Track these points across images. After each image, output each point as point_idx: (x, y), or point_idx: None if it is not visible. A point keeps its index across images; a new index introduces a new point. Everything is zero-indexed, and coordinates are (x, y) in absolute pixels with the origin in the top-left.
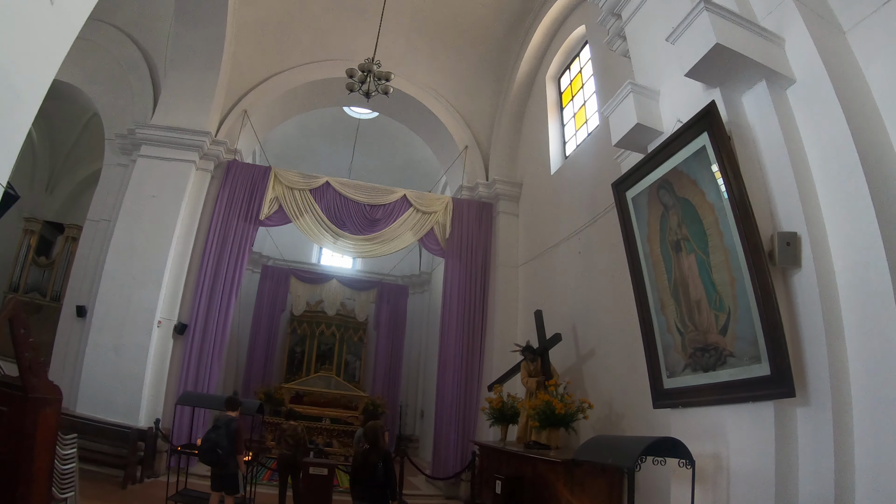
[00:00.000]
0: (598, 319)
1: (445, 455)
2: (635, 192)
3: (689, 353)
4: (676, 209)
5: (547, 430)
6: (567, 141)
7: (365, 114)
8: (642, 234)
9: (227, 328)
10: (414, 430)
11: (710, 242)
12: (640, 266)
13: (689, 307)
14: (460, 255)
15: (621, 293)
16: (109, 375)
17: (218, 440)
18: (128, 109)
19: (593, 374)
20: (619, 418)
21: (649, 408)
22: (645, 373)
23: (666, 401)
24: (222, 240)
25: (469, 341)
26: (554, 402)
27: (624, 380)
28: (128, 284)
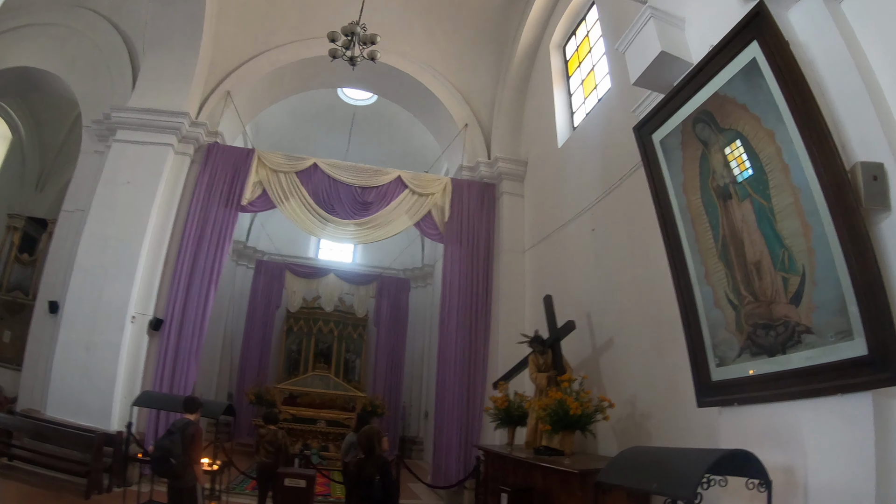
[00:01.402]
0: (616, 304)
1: (447, 461)
2: (665, 133)
3: (746, 333)
4: (721, 145)
5: (560, 433)
6: (575, 111)
7: (361, 100)
8: (676, 183)
9: (205, 323)
10: (418, 431)
11: (772, 181)
12: (675, 224)
13: (744, 271)
14: (461, 240)
15: (643, 272)
16: (80, 375)
17: (171, 447)
18: (107, 95)
19: (612, 368)
20: (644, 419)
21: (682, 406)
22: (674, 364)
23: (714, 397)
24: (201, 227)
25: (471, 335)
26: (568, 400)
27: (649, 373)
28: (100, 277)
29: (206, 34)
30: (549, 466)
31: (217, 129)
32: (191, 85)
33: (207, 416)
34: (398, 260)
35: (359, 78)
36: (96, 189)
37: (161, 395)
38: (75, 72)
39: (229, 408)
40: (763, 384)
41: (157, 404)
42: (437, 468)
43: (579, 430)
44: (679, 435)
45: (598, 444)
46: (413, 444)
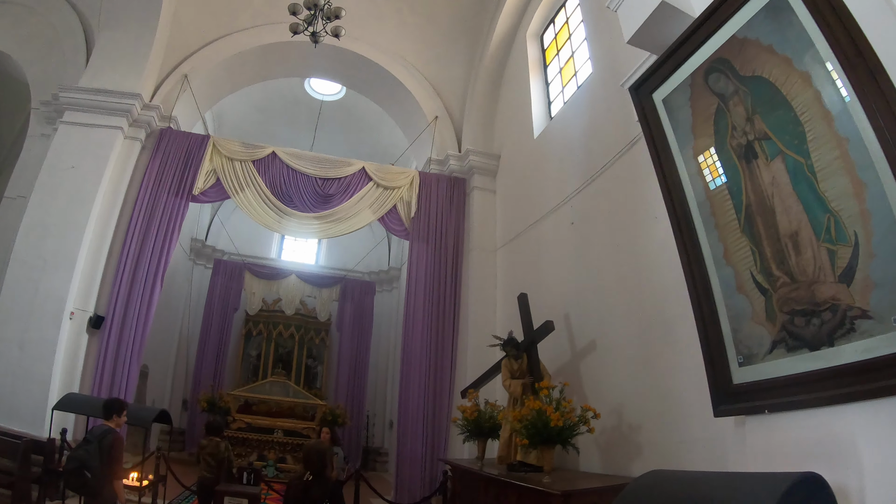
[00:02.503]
0: (599, 304)
1: (411, 475)
2: (668, 91)
3: (780, 323)
4: (743, 96)
5: (538, 448)
6: (552, 101)
7: (328, 94)
8: (684, 146)
9: (149, 321)
10: (382, 441)
11: (811, 133)
12: (684, 196)
13: (776, 246)
14: (427, 238)
15: (629, 267)
16: (12, 376)
17: (87, 459)
18: (58, 76)
19: (594, 374)
20: (633, 431)
21: (678, 417)
22: (668, 369)
23: (735, 404)
24: (148, 217)
25: (438, 338)
26: (548, 410)
27: (637, 380)
28: (37, 268)
29: (164, 13)
30: (525, 486)
31: (171, 114)
32: (145, 66)
33: (137, 424)
34: (363, 262)
35: (325, 67)
36: (39, 175)
37: (88, 398)
38: (28, 52)
39: (163, 415)
40: (803, 385)
41: (82, 409)
42: (400, 483)
43: (561, 444)
44: (676, 450)
45: (579, 459)
46: (377, 456)
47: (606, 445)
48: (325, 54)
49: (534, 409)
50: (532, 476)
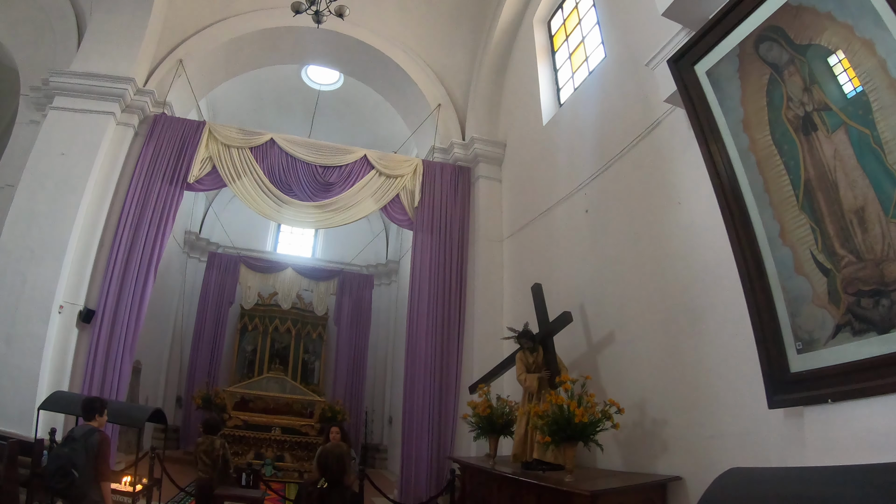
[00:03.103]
0: (616, 294)
1: (417, 474)
2: (713, 62)
3: (845, 305)
4: (799, 66)
5: (562, 445)
6: (561, 87)
7: (326, 84)
8: (732, 120)
9: (142, 314)
10: (381, 438)
11: (876, 103)
12: (733, 173)
13: (840, 223)
14: (432, 228)
15: (650, 255)
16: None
17: (72, 457)
18: (48, 62)
19: (613, 368)
20: (658, 427)
21: (709, 410)
22: (696, 361)
23: (794, 394)
24: (141, 206)
25: (444, 332)
26: (571, 405)
27: (661, 372)
28: (24, 259)
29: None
30: (545, 485)
31: (165, 100)
32: (139, 50)
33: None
34: (361, 255)
35: (324, 54)
36: (27, 162)
37: (77, 397)
38: (17, 36)
39: (157, 414)
40: (871, 372)
41: (70, 408)
42: (405, 482)
43: (584, 441)
44: (706, 446)
45: (597, 457)
46: (376, 453)
47: (628, 442)
48: (323, 40)
49: (556, 404)
50: (553, 475)
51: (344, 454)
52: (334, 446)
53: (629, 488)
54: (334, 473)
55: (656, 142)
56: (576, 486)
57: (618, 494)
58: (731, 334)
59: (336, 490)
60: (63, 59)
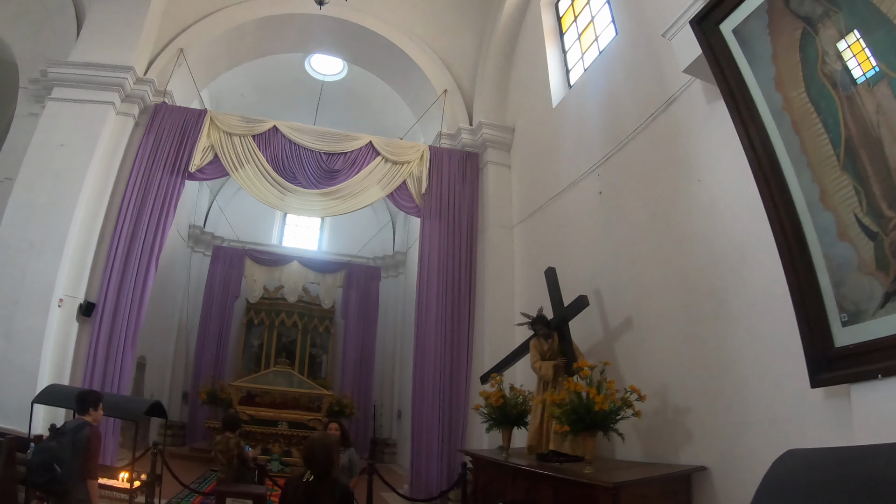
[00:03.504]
0: (634, 278)
1: (427, 468)
2: (739, 20)
3: (894, 271)
4: (834, 18)
5: (579, 435)
6: (570, 69)
7: (329, 75)
8: (763, 79)
9: (143, 307)
10: (391, 432)
11: None
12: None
13: (886, 182)
14: (440, 215)
15: (669, 236)
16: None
17: (58, 452)
18: (47, 54)
19: (632, 354)
20: (680, 414)
21: (736, 394)
22: (721, 345)
23: (839, 371)
24: (142, 197)
25: (453, 322)
26: (590, 392)
27: (684, 358)
28: (23, 252)
29: None
30: (563, 478)
31: (166, 89)
32: (139, 39)
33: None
34: (368, 247)
35: (327, 42)
36: (26, 154)
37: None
38: (16, 30)
39: (156, 407)
40: None
41: (66, 402)
42: (416, 477)
43: (603, 430)
44: (734, 433)
45: (614, 447)
46: (385, 447)
47: (647, 431)
48: (327, 27)
49: (575, 391)
50: (571, 467)
51: (331, 444)
52: (322, 436)
53: (652, 480)
54: (320, 465)
55: (673, 118)
56: (597, 478)
57: (641, 486)
58: (759, 315)
59: (323, 484)
60: (62, 52)
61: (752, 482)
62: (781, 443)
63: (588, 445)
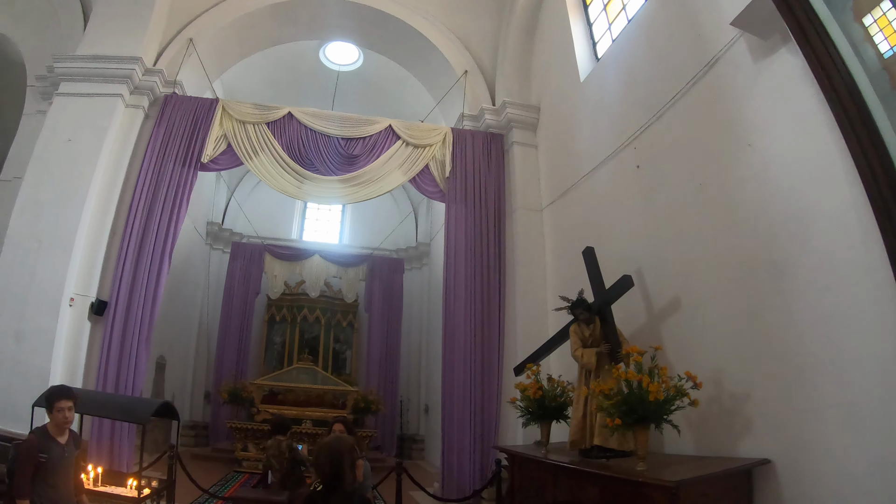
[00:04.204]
0: (679, 254)
1: (459, 466)
2: None
3: None
4: None
5: (633, 428)
6: (597, 42)
7: (344, 64)
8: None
9: (157, 304)
10: (418, 428)
11: None
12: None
13: None
14: (465, 199)
15: (718, 206)
16: (8, 371)
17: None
18: (54, 51)
19: (680, 337)
20: (739, 402)
21: (801, 378)
22: (780, 323)
23: None
24: (153, 190)
25: (483, 311)
26: (644, 380)
27: (739, 339)
28: (32, 251)
29: None
30: (613, 476)
31: (176, 79)
32: (147, 30)
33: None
34: (390, 239)
35: (340, 27)
36: (33, 150)
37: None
38: (22, 28)
39: (165, 408)
40: None
41: None
42: (447, 475)
43: (656, 423)
44: (800, 421)
45: (663, 441)
46: (413, 443)
47: (701, 421)
48: (340, 12)
49: (627, 380)
50: (619, 464)
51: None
52: (333, 439)
53: (713, 477)
54: (327, 473)
55: (715, 81)
56: (654, 476)
57: (702, 484)
58: (827, 288)
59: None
60: (69, 48)
61: (823, 475)
62: (858, 431)
63: (640, 440)
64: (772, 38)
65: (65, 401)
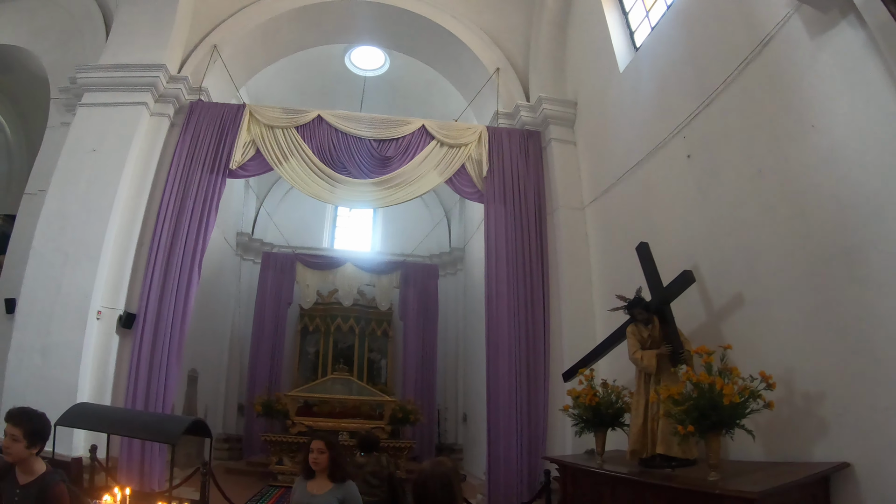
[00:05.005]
0: (740, 246)
1: (506, 477)
2: None
3: None
4: None
5: (706, 435)
6: (634, 31)
7: (371, 69)
8: None
9: (188, 315)
10: (456, 437)
11: None
12: None
13: None
14: (504, 198)
15: (780, 193)
16: (35, 387)
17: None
18: (77, 62)
19: (745, 335)
20: (813, 402)
21: (884, 374)
22: (857, 315)
23: None
24: (181, 199)
25: (527, 315)
26: (717, 382)
27: (811, 334)
28: (58, 264)
29: None
30: (682, 488)
31: (201, 86)
32: (170, 37)
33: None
34: (423, 245)
35: (367, 29)
36: (58, 162)
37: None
38: (44, 42)
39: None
40: None
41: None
42: (493, 487)
43: (728, 428)
44: (883, 421)
45: (728, 447)
46: (451, 453)
47: (770, 424)
48: (366, 14)
49: (700, 383)
50: (686, 473)
51: (450, 474)
52: (435, 465)
53: (792, 486)
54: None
55: (770, 60)
56: (731, 487)
57: (782, 494)
58: None
59: None
60: (92, 59)
61: None
62: None
63: (712, 447)
64: (830, 11)
65: (9, 425)
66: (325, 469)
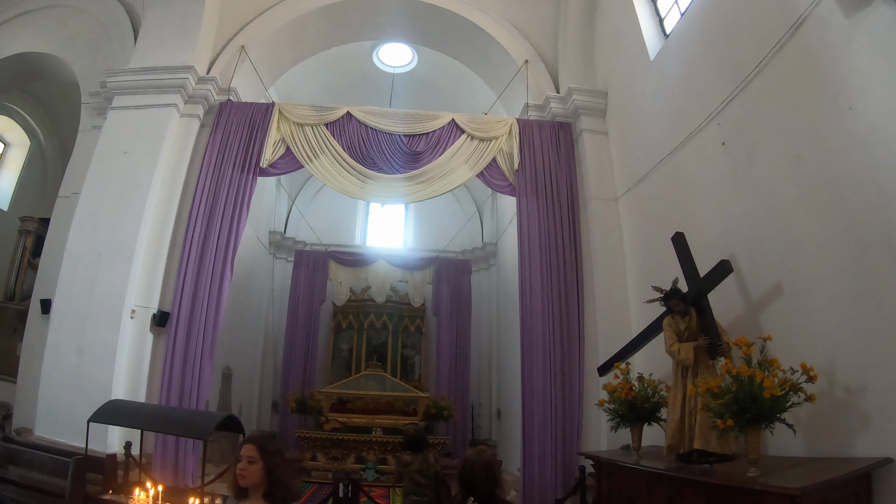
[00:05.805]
0: (779, 234)
1: (541, 473)
2: None
3: None
4: None
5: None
6: (664, 18)
7: (398, 66)
8: None
9: (220, 312)
10: (490, 433)
11: None
12: None
13: None
14: (536, 191)
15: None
16: (70, 385)
17: None
18: (107, 67)
19: (784, 326)
20: (856, 395)
21: None
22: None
23: None
24: (212, 198)
25: (561, 308)
26: (758, 375)
27: (854, 324)
28: (92, 265)
29: None
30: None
31: (230, 86)
32: (197, 39)
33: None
34: (455, 241)
35: (393, 25)
36: (90, 165)
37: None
38: (74, 49)
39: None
40: None
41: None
42: (528, 483)
43: (769, 421)
44: None
45: (766, 442)
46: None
47: (810, 418)
48: (393, 10)
49: (740, 375)
50: (725, 469)
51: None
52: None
53: (836, 481)
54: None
55: (804, 42)
56: (773, 484)
57: (823, 491)
58: None
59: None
60: (121, 63)
61: None
62: None
63: (752, 442)
64: None
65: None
66: (259, 485)
